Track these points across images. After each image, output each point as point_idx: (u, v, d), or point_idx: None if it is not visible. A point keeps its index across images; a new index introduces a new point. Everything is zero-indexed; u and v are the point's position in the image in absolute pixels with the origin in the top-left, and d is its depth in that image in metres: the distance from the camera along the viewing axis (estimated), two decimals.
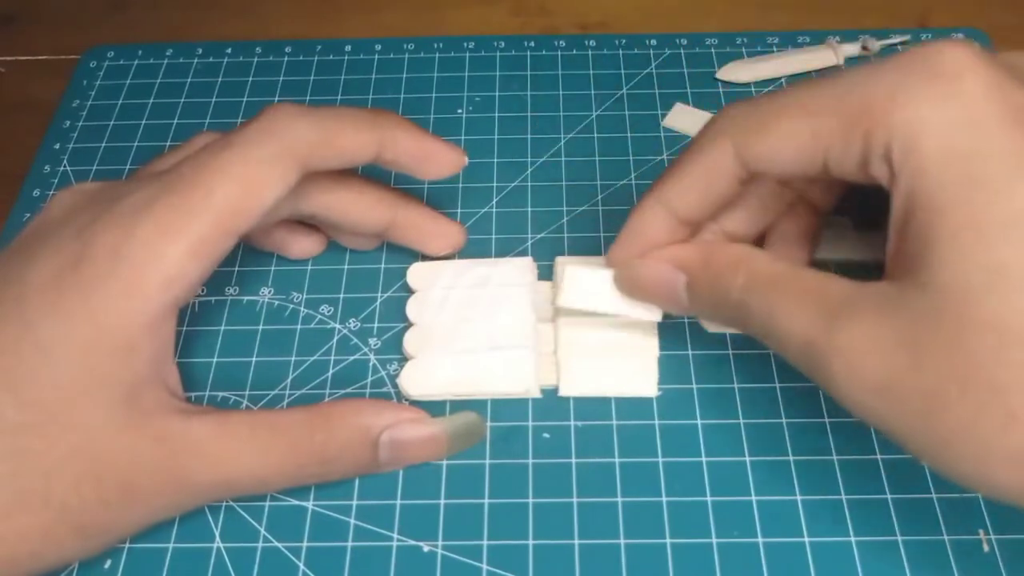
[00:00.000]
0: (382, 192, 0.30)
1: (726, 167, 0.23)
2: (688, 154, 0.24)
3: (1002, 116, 0.18)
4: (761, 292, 0.22)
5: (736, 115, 0.22)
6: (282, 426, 0.24)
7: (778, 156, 0.21)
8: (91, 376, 0.22)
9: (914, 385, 0.19)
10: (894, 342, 0.19)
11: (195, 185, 0.24)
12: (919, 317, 0.19)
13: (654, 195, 0.25)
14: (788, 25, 0.40)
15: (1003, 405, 0.17)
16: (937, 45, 0.19)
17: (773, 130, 0.21)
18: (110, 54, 0.40)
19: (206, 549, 0.26)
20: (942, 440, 0.19)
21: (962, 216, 0.18)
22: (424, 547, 0.26)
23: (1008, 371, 0.17)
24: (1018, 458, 0.18)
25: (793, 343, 0.21)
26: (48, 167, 0.36)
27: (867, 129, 0.19)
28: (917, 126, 0.19)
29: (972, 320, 0.18)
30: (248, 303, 0.31)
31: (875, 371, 0.19)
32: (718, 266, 0.24)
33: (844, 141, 0.20)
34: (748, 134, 0.22)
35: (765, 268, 0.23)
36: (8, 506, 0.22)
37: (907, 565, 0.25)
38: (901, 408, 0.19)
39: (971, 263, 0.18)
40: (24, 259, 0.24)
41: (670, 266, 0.25)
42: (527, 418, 0.28)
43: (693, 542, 0.25)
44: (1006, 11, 0.41)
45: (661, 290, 0.25)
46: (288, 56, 0.40)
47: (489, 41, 0.40)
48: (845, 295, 0.20)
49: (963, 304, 0.18)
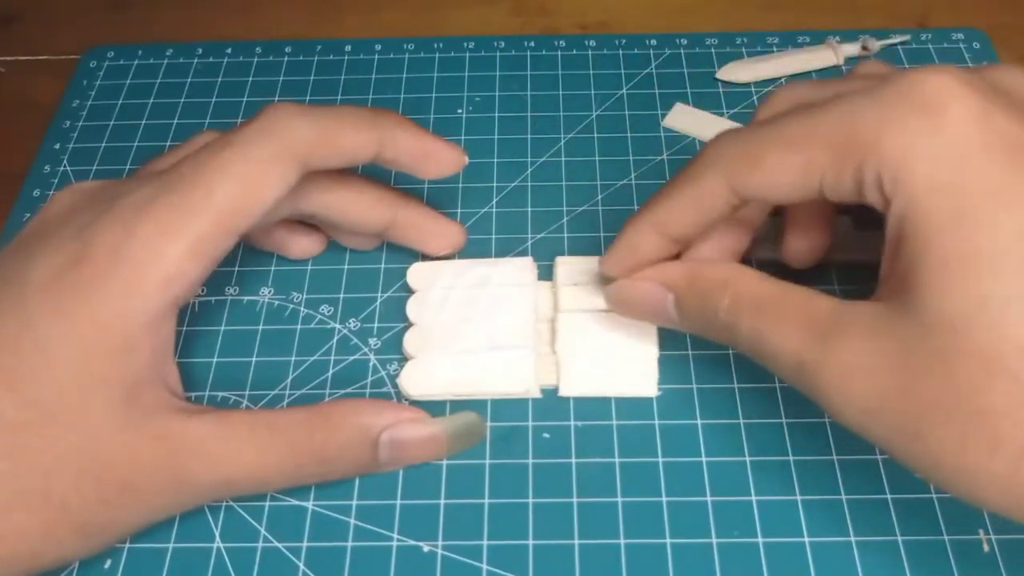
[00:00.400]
0: (382, 192, 0.30)
1: (719, 196, 0.23)
2: (680, 182, 0.24)
3: (987, 147, 0.19)
4: (748, 313, 0.22)
5: (726, 149, 0.23)
6: (282, 426, 0.24)
7: (772, 187, 0.22)
8: (91, 375, 0.22)
9: (904, 408, 0.19)
10: (884, 365, 0.19)
11: (195, 184, 0.24)
12: (908, 343, 0.19)
13: (646, 217, 0.25)
14: (788, 25, 0.40)
15: (990, 430, 0.18)
16: (922, 74, 0.19)
17: (765, 164, 0.21)
18: (110, 54, 0.40)
19: (206, 549, 0.26)
20: (933, 460, 0.19)
21: (949, 247, 0.18)
22: (424, 547, 0.25)
23: (994, 398, 0.18)
24: (1006, 480, 0.18)
25: (784, 363, 0.22)
26: (48, 167, 0.36)
27: (858, 161, 0.20)
28: (905, 158, 0.19)
29: (959, 349, 0.18)
30: (248, 303, 0.31)
31: (865, 393, 0.20)
32: (704, 286, 0.24)
33: (837, 172, 0.20)
34: (740, 168, 0.22)
35: (751, 288, 0.23)
36: (8, 504, 0.22)
37: (907, 565, 0.25)
38: (892, 429, 0.20)
39: (958, 294, 0.18)
40: (24, 258, 0.24)
41: (658, 285, 0.25)
42: (527, 418, 0.28)
43: (693, 542, 0.25)
44: (1006, 11, 0.41)
45: (650, 308, 0.26)
46: (288, 56, 0.40)
47: (489, 41, 0.40)
48: (833, 315, 0.21)
49: (950, 333, 0.18)
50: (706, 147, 0.23)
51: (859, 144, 0.20)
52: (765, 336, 0.22)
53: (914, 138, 0.19)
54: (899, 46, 0.39)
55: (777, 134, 0.21)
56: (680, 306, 0.25)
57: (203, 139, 0.28)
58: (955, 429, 0.18)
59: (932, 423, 0.19)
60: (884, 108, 0.19)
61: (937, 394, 0.19)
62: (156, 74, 0.39)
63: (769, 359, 0.22)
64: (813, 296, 0.21)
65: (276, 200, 0.25)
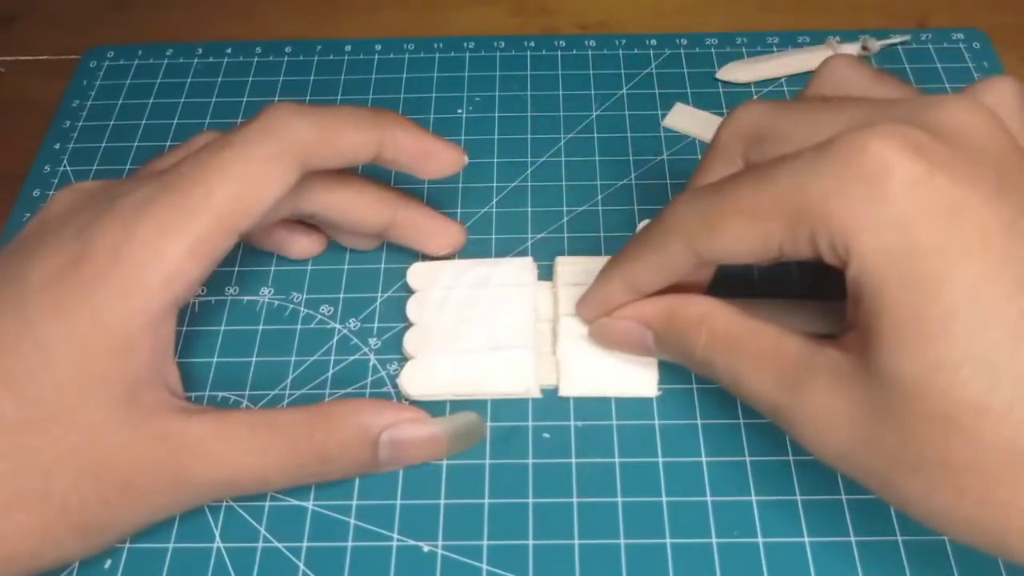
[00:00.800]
0: (382, 192, 0.30)
1: (682, 261, 0.23)
2: (644, 246, 0.24)
3: (928, 212, 0.19)
4: (723, 352, 0.23)
5: (684, 219, 0.23)
6: (282, 425, 0.24)
7: (732, 253, 0.22)
8: (91, 375, 0.22)
9: (872, 460, 0.20)
10: (850, 417, 0.20)
11: (195, 184, 0.24)
12: (870, 399, 0.20)
13: (616, 273, 0.26)
14: (788, 25, 0.40)
15: (952, 482, 0.19)
16: (862, 139, 0.19)
17: (722, 232, 0.22)
18: (110, 54, 0.40)
19: (206, 549, 0.26)
20: (903, 503, 0.20)
21: (901, 313, 0.19)
22: (424, 547, 0.25)
23: (952, 454, 0.19)
24: (972, 523, 0.19)
25: (761, 405, 0.22)
26: (48, 167, 0.36)
27: (810, 231, 0.20)
28: (852, 228, 0.19)
29: (916, 411, 0.19)
30: (248, 303, 0.31)
31: (837, 440, 0.21)
32: (681, 324, 0.24)
33: (792, 240, 0.21)
34: (699, 236, 0.22)
35: (725, 328, 0.23)
36: (7, 504, 0.22)
37: (907, 565, 0.25)
38: (863, 473, 0.21)
39: (912, 358, 0.19)
40: (24, 258, 0.24)
41: (637, 323, 0.26)
42: (527, 418, 0.28)
43: (693, 542, 0.25)
44: (1006, 11, 0.41)
45: (632, 345, 0.27)
46: (288, 56, 0.40)
47: (489, 41, 0.40)
48: (801, 359, 0.21)
49: (908, 396, 0.19)
50: (666, 212, 0.24)
51: (808, 215, 0.20)
52: (741, 377, 0.23)
53: (859, 208, 0.19)
54: (899, 46, 0.39)
55: (731, 203, 0.22)
56: (659, 343, 0.26)
57: (203, 139, 0.28)
58: (921, 480, 0.19)
59: (899, 474, 0.20)
60: (829, 179, 0.20)
61: (901, 450, 0.19)
62: (156, 74, 0.39)
63: (747, 399, 0.23)
64: (783, 337, 0.22)
65: (276, 200, 0.25)
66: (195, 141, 0.28)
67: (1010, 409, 0.18)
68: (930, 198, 0.19)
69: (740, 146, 0.24)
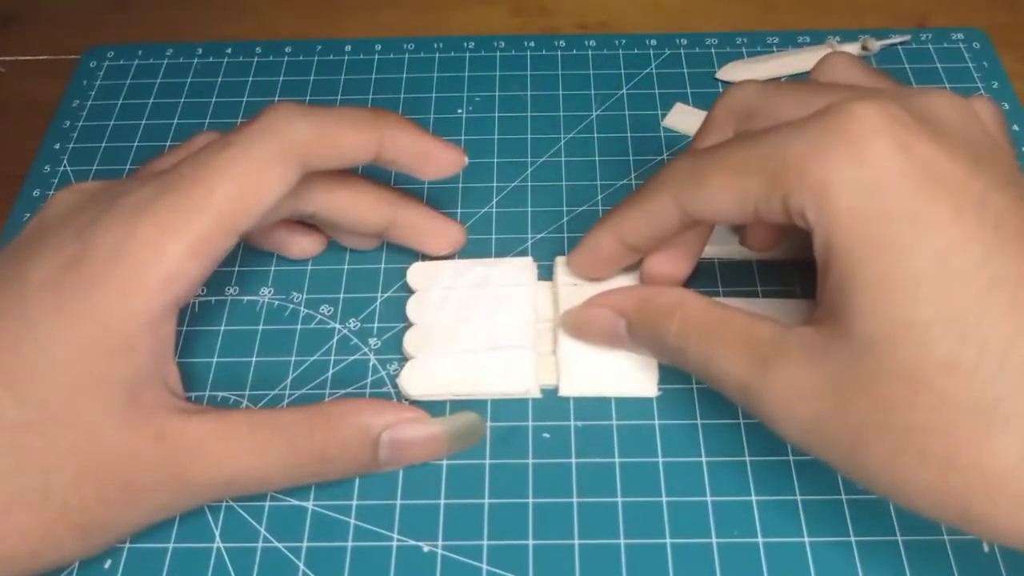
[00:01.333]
0: (382, 192, 0.30)
1: (669, 215, 0.24)
2: (637, 198, 0.26)
3: (904, 178, 0.19)
4: (695, 338, 0.24)
5: (677, 170, 0.24)
6: (282, 425, 0.24)
7: (713, 209, 0.23)
8: (91, 375, 0.22)
9: (838, 429, 0.20)
10: (818, 389, 0.21)
11: (195, 184, 0.24)
12: (840, 366, 0.20)
13: (607, 224, 0.27)
14: (788, 25, 0.40)
15: (916, 445, 0.19)
16: (851, 106, 0.20)
17: (707, 186, 0.23)
18: (110, 54, 0.40)
19: (206, 549, 0.26)
20: (868, 474, 0.21)
21: (871, 274, 0.19)
22: (424, 547, 0.26)
23: (919, 415, 0.19)
24: (934, 489, 0.19)
25: (730, 387, 0.23)
26: (48, 167, 0.36)
27: (786, 189, 0.21)
28: (827, 188, 0.20)
29: (886, 370, 0.19)
30: (248, 303, 0.31)
31: (803, 415, 0.21)
32: (654, 312, 0.25)
33: (767, 198, 0.21)
34: (687, 189, 0.24)
35: (697, 315, 0.24)
36: (7, 504, 0.22)
37: (907, 565, 0.25)
38: (830, 447, 0.21)
39: (882, 318, 0.19)
40: (24, 258, 0.24)
41: (610, 311, 0.26)
42: (527, 418, 0.28)
43: (693, 542, 0.25)
44: (1006, 11, 0.41)
45: (605, 333, 0.27)
46: (288, 56, 0.40)
47: (489, 41, 0.40)
48: (772, 340, 0.22)
49: (878, 356, 0.19)
50: (662, 168, 0.25)
51: (787, 172, 0.21)
52: (711, 361, 0.23)
53: (836, 168, 0.20)
54: (899, 46, 0.39)
55: (719, 160, 0.23)
56: (631, 331, 0.26)
57: (203, 139, 0.28)
58: (885, 445, 0.20)
59: (864, 441, 0.20)
60: (812, 139, 0.20)
61: (867, 414, 0.20)
62: (156, 74, 0.39)
63: (716, 383, 0.23)
64: (755, 321, 0.23)
65: (276, 200, 0.25)
66: (195, 141, 0.28)
67: (977, 369, 0.18)
68: (907, 166, 0.19)
69: (733, 120, 0.25)
